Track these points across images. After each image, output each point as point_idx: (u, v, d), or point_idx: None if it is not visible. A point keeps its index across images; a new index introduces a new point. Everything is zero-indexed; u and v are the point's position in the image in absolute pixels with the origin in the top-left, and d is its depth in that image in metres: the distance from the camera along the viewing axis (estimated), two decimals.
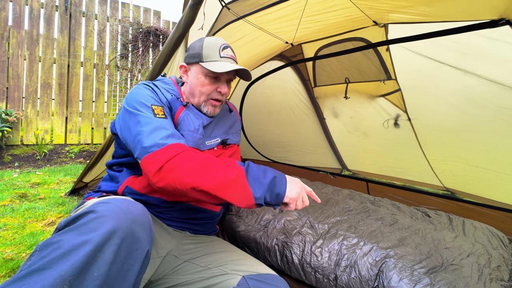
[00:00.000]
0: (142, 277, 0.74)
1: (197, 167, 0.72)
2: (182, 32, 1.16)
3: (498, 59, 1.35)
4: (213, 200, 0.73)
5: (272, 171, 0.79)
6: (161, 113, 0.82)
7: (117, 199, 0.62)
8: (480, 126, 1.54)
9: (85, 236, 0.51)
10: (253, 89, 2.48)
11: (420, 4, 1.29)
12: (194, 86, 0.94)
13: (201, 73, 0.92)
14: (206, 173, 0.71)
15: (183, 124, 0.89)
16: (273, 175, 0.77)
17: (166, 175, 0.71)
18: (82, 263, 0.48)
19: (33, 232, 1.45)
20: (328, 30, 1.80)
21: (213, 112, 0.95)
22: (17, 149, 3.01)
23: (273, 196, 0.74)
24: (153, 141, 0.74)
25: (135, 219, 0.57)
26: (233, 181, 0.71)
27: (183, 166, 0.71)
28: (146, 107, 0.81)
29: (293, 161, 2.63)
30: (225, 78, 0.94)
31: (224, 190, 0.70)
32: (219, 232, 1.31)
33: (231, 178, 0.72)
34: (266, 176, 0.76)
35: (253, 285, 0.72)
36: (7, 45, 3.01)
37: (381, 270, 0.89)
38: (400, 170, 2.07)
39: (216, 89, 0.93)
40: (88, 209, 0.57)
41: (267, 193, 0.74)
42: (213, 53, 0.91)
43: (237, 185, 0.72)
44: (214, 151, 1.00)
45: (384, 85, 1.86)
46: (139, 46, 3.80)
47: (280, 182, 0.76)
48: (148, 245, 0.58)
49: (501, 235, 1.18)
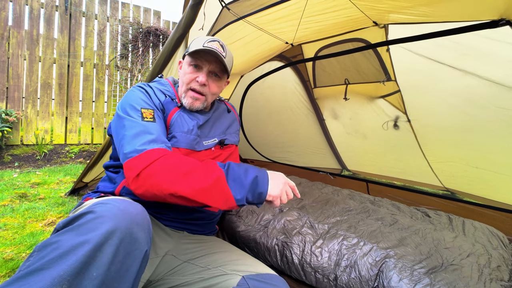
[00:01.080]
0: (141, 277, 0.74)
1: (176, 173, 0.71)
2: (182, 32, 1.16)
3: (498, 59, 1.35)
4: (193, 204, 0.72)
5: (253, 170, 0.77)
6: (149, 116, 0.82)
7: (115, 200, 0.62)
8: (480, 126, 1.54)
9: (83, 236, 0.51)
10: (253, 90, 2.48)
11: (420, 5, 1.29)
12: (180, 76, 0.98)
13: (186, 63, 0.95)
14: (184, 178, 0.70)
15: (176, 125, 0.89)
16: (254, 174, 0.75)
17: (144, 182, 0.70)
18: (81, 263, 0.48)
19: (33, 232, 1.45)
20: (328, 31, 1.80)
21: (191, 105, 0.93)
22: (17, 149, 3.01)
23: (255, 196, 0.73)
24: (133, 147, 0.74)
25: (134, 220, 0.57)
26: (212, 185, 0.70)
27: (161, 172, 0.70)
28: (135, 111, 0.82)
29: (293, 161, 2.63)
30: (207, 68, 0.93)
31: (203, 194, 0.69)
32: (219, 232, 1.31)
33: (211, 182, 0.70)
34: (248, 176, 0.74)
35: (252, 285, 0.72)
36: (7, 45, 3.01)
37: (381, 270, 0.89)
38: (400, 171, 2.07)
39: (195, 78, 0.93)
40: (86, 209, 0.57)
41: (249, 193, 0.73)
42: (198, 44, 0.91)
43: (217, 189, 0.71)
44: (211, 151, 1.00)
45: (383, 86, 1.86)
46: (139, 46, 3.80)
47: (262, 181, 0.75)
48: (146, 246, 0.58)
49: (501, 235, 1.18)
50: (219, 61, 0.93)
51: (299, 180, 1.89)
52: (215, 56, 0.92)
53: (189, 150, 0.91)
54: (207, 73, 0.93)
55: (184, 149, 0.90)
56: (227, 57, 0.94)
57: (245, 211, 1.32)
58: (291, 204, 1.39)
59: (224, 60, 0.92)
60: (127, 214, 0.57)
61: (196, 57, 0.92)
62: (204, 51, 0.90)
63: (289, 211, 1.28)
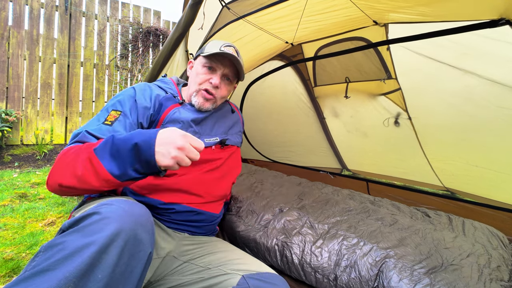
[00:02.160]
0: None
1: (63, 163, 0.70)
2: (182, 32, 1.16)
3: (498, 59, 1.35)
4: (84, 192, 0.71)
5: (136, 136, 0.64)
6: (111, 119, 0.83)
7: (120, 200, 0.61)
8: (480, 125, 1.54)
9: (89, 237, 0.50)
10: (253, 89, 2.48)
11: (419, 5, 1.29)
12: (192, 76, 0.99)
13: (200, 63, 0.97)
14: (66, 167, 0.68)
15: (172, 121, 0.91)
16: (133, 141, 0.63)
17: (48, 178, 0.72)
18: (86, 264, 0.47)
19: (33, 232, 1.45)
20: (328, 30, 1.80)
21: (202, 105, 0.95)
22: (17, 149, 3.01)
23: (143, 166, 0.63)
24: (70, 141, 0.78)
25: (138, 221, 0.57)
26: (85, 167, 0.65)
27: (55, 166, 0.71)
28: (105, 112, 0.85)
29: (293, 161, 2.63)
30: (221, 71, 0.96)
31: (81, 180, 0.65)
32: (219, 232, 1.31)
33: (83, 164, 0.65)
34: (126, 145, 0.64)
35: (253, 284, 0.72)
36: (7, 45, 3.01)
37: (381, 270, 0.89)
38: (400, 170, 2.07)
39: (209, 79, 0.95)
40: (92, 210, 0.57)
41: (132, 165, 0.63)
42: (215, 48, 0.94)
43: (90, 168, 0.65)
44: (211, 150, 1.00)
45: (384, 84, 1.86)
46: (139, 46, 3.80)
47: (145, 148, 0.62)
48: (150, 247, 0.58)
49: (501, 235, 1.18)
50: (233, 66, 0.96)
51: (299, 180, 1.89)
52: (231, 61, 0.95)
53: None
54: (220, 76, 0.96)
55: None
56: (241, 63, 0.97)
57: (245, 211, 1.32)
58: (291, 204, 1.39)
59: (239, 64, 0.95)
60: (131, 215, 0.57)
61: (212, 60, 0.95)
62: (221, 55, 0.93)
63: (289, 211, 1.28)
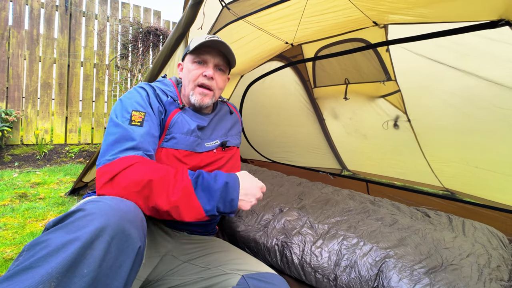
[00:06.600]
0: (138, 275, 0.73)
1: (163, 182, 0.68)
2: (182, 31, 1.16)
3: (498, 59, 1.35)
4: (163, 216, 0.70)
5: (222, 176, 0.74)
6: (138, 120, 0.79)
7: (107, 198, 0.61)
8: (480, 127, 1.54)
9: (73, 234, 0.50)
10: (253, 90, 2.48)
11: (418, 6, 1.29)
12: (184, 77, 0.96)
13: (189, 61, 0.95)
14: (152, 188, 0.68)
15: (176, 126, 0.88)
16: (224, 180, 0.72)
17: (116, 186, 0.68)
18: (70, 260, 0.47)
19: (33, 232, 1.45)
20: (328, 31, 1.80)
21: (201, 101, 0.93)
22: (17, 149, 3.00)
23: (227, 204, 0.70)
24: (105, 155, 0.72)
25: (125, 217, 0.57)
26: (180, 197, 0.67)
27: (126, 181, 0.68)
28: (125, 113, 0.79)
29: (293, 161, 2.63)
30: (212, 62, 0.94)
31: (171, 207, 0.67)
32: (219, 232, 1.31)
33: (177, 193, 0.67)
34: (217, 183, 0.71)
35: (252, 284, 0.72)
36: (7, 45, 3.01)
37: (381, 270, 0.89)
38: (400, 171, 2.07)
39: (202, 73, 0.93)
40: (76, 207, 0.57)
41: (220, 202, 0.70)
42: (200, 40, 0.91)
43: (184, 200, 0.68)
44: (213, 153, 0.99)
45: (383, 86, 1.87)
46: (139, 46, 3.80)
47: (233, 187, 0.71)
48: (139, 242, 0.57)
49: (501, 235, 1.18)
50: (222, 55, 0.95)
51: (299, 180, 1.89)
52: (218, 50, 0.93)
53: (189, 151, 0.90)
54: (213, 67, 0.94)
55: (183, 151, 0.88)
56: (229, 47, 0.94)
57: (245, 211, 1.32)
58: (291, 204, 1.39)
59: (228, 51, 0.93)
60: (117, 211, 0.56)
61: (200, 53, 0.93)
62: (207, 46, 0.91)
63: (289, 211, 1.28)
